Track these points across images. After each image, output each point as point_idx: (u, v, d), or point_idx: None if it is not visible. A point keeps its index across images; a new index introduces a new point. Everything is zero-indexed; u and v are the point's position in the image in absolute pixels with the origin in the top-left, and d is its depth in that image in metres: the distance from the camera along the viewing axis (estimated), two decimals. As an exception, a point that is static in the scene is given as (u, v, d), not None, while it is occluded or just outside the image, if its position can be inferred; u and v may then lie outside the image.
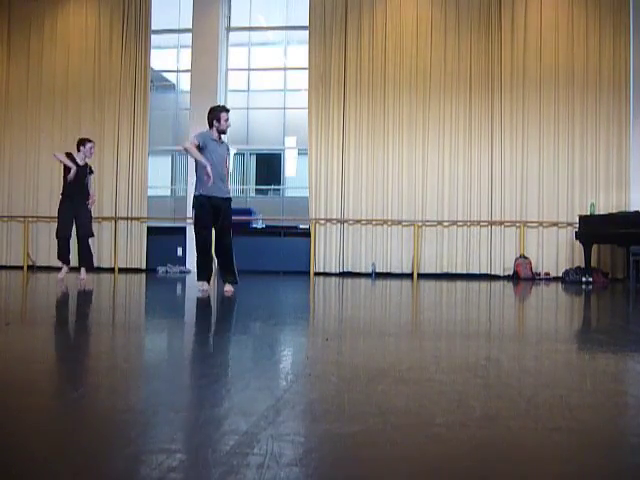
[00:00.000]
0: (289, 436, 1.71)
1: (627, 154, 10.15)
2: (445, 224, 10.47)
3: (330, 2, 10.79)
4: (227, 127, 6.22)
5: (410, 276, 10.29)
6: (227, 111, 6.25)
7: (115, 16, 11.35)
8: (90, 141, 8.23)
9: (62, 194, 8.10)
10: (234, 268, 6.26)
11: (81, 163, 8.04)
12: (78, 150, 8.13)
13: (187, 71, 11.62)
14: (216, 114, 6.18)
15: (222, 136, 6.29)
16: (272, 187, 14.98)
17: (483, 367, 2.73)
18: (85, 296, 6.32)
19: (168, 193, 14.79)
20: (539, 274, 10.11)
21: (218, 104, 7.24)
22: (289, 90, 12.81)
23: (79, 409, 1.97)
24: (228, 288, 6.20)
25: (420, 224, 10.45)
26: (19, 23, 11.63)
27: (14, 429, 1.76)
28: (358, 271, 10.59)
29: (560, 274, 9.97)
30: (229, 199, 6.27)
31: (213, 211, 6.11)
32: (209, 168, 5.88)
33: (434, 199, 10.47)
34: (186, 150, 6.08)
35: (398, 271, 10.49)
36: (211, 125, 6.19)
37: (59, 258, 8.07)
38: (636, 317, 5.39)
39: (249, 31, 12.47)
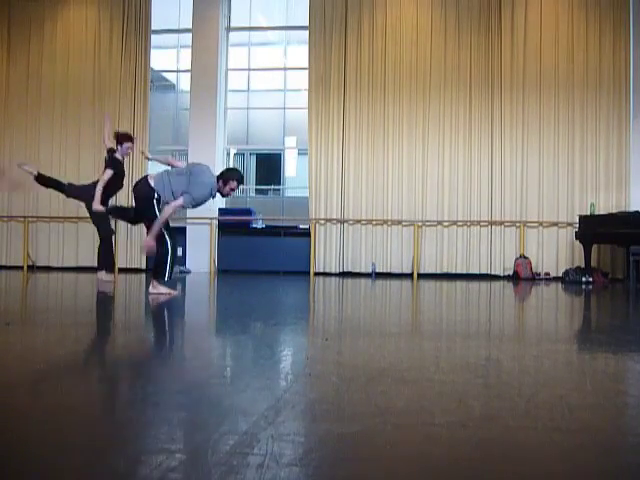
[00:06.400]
0: (289, 436, 1.71)
1: (627, 154, 10.15)
2: (445, 224, 10.47)
3: (330, 2, 10.80)
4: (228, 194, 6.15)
5: (410, 276, 10.29)
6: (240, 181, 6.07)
7: (115, 16, 11.35)
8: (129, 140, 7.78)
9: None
10: None
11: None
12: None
13: (187, 71, 11.62)
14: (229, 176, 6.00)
15: None
16: (272, 187, 14.96)
17: (483, 367, 2.73)
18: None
19: (168, 193, 14.74)
20: (539, 274, 10.11)
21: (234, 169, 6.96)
22: (289, 90, 12.80)
23: (78, 408, 1.97)
24: None
25: (420, 224, 10.45)
26: (19, 23, 11.64)
27: (13, 429, 1.76)
28: (358, 271, 10.59)
29: (560, 274, 9.97)
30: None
31: None
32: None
33: (434, 199, 10.47)
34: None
35: (398, 271, 10.49)
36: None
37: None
38: (636, 317, 5.38)
39: (249, 31, 12.47)
